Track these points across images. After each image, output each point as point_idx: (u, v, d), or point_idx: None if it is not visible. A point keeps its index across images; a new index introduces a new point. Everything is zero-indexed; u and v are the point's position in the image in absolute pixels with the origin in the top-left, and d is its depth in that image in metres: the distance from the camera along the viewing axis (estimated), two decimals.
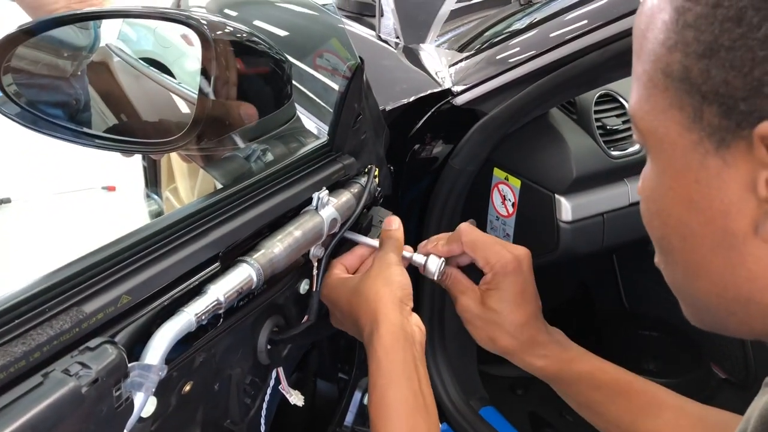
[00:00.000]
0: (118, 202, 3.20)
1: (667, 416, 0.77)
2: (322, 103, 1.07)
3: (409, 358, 0.74)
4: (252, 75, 0.84)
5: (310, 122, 1.05)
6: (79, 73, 0.86)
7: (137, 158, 1.92)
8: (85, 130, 0.80)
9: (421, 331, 0.79)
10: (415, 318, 0.80)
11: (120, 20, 0.93)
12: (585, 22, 1.02)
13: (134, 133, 0.87)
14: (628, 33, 0.95)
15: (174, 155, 1.42)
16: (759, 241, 0.42)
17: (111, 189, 3.30)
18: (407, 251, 0.90)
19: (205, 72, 0.75)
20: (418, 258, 0.89)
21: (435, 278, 0.88)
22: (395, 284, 0.79)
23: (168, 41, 0.99)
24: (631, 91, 0.49)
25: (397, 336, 0.75)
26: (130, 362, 0.57)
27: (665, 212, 0.49)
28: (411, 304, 0.80)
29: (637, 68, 0.47)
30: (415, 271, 0.89)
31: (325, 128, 0.95)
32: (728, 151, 0.42)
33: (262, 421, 0.89)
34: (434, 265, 0.87)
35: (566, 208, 1.19)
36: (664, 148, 0.46)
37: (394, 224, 0.88)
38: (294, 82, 0.91)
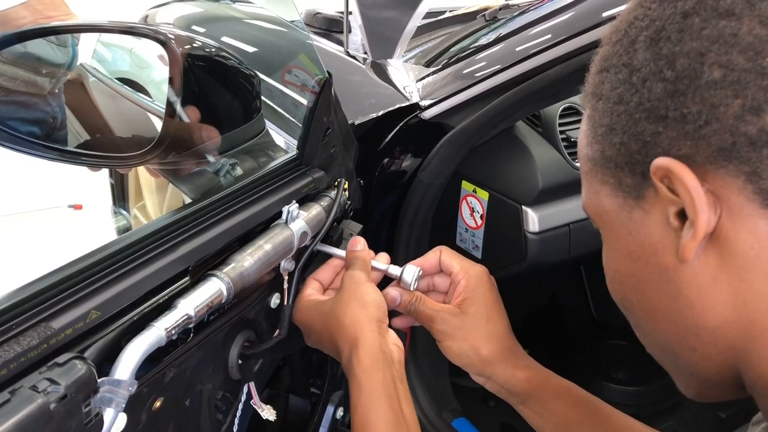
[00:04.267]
0: (85, 221, 3.15)
1: None
2: (291, 118, 1.08)
3: (389, 378, 0.74)
4: (221, 89, 0.84)
5: (279, 137, 1.05)
6: (57, 90, 0.86)
7: (104, 176, 1.90)
8: (52, 144, 0.80)
9: (399, 348, 0.79)
10: (393, 336, 0.80)
11: (94, 40, 0.93)
12: (549, 36, 1.04)
13: (104, 148, 0.87)
14: (590, 47, 0.97)
15: (142, 171, 1.41)
16: (686, 267, 0.49)
17: (78, 207, 3.25)
18: (382, 263, 0.90)
19: (172, 86, 0.75)
20: (394, 269, 0.89)
21: (411, 288, 0.88)
22: (370, 305, 0.79)
23: (145, 61, 0.99)
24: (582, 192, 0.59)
25: (376, 357, 0.75)
26: (99, 378, 0.57)
27: (618, 272, 0.57)
28: (387, 321, 0.80)
29: (582, 171, 0.58)
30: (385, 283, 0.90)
31: (295, 143, 0.96)
32: (644, 201, 0.50)
33: None
34: (410, 275, 0.87)
35: (533, 220, 1.20)
36: (605, 220, 0.56)
37: (359, 245, 0.88)
38: (263, 97, 0.91)
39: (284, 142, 1.04)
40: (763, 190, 0.44)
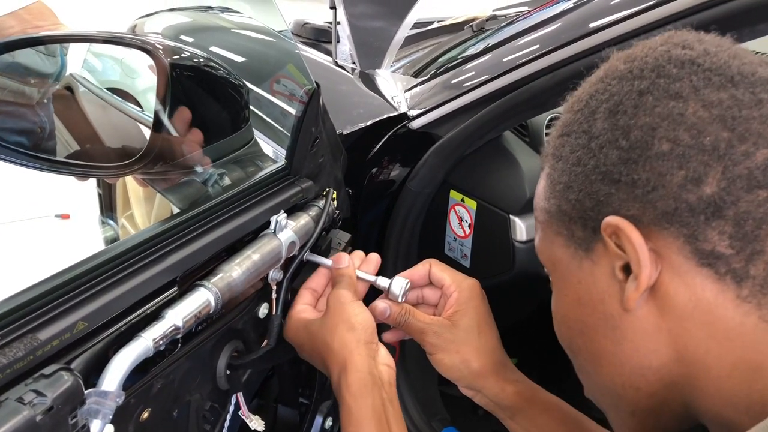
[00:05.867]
0: (72, 230, 3.13)
1: None
2: (280, 128, 1.08)
3: (378, 402, 0.74)
4: (209, 99, 0.84)
5: (267, 147, 1.05)
6: (45, 100, 0.86)
7: (92, 185, 1.89)
8: (39, 154, 0.79)
9: (389, 368, 0.79)
10: (383, 355, 0.80)
11: (85, 50, 0.93)
12: (536, 47, 1.05)
13: (92, 158, 0.87)
14: (576, 58, 0.98)
15: (130, 181, 1.40)
16: (630, 315, 0.54)
17: (65, 217, 3.23)
18: (370, 275, 0.90)
19: (159, 95, 0.75)
20: (382, 281, 0.89)
21: (399, 300, 0.87)
22: (358, 327, 0.79)
23: (135, 72, 0.99)
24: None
25: (364, 382, 0.75)
26: (86, 389, 0.56)
27: (566, 317, 0.62)
28: (376, 341, 0.80)
29: (538, 220, 0.63)
30: (373, 294, 0.90)
31: (283, 152, 0.96)
32: (594, 253, 0.56)
33: None
34: (398, 288, 0.87)
35: (521, 229, 1.21)
36: (556, 268, 0.61)
37: (343, 262, 0.88)
38: (251, 107, 0.91)
39: (273, 151, 1.04)
40: (699, 250, 0.50)
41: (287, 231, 0.85)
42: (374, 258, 0.92)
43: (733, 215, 0.49)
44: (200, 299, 0.71)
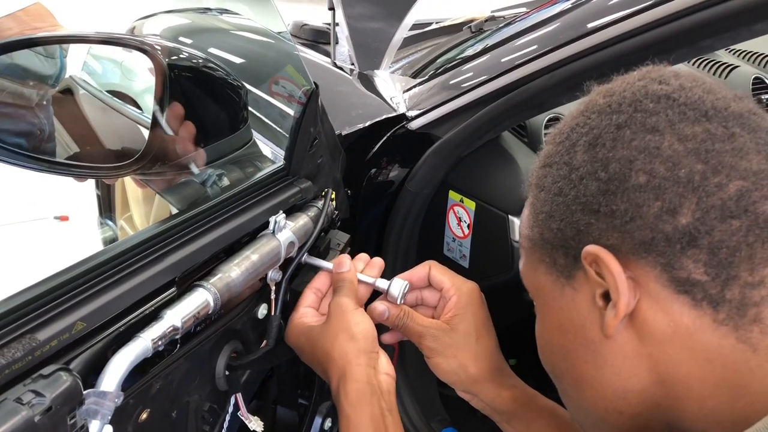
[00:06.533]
0: (71, 232, 3.13)
1: None
2: (279, 129, 1.08)
3: (377, 411, 0.74)
4: (207, 100, 0.84)
5: (266, 148, 1.05)
6: (44, 102, 0.86)
7: (90, 188, 1.89)
8: (39, 156, 0.79)
9: (389, 377, 0.79)
10: (383, 364, 0.80)
11: (84, 53, 0.93)
12: (534, 47, 1.05)
13: (91, 159, 0.87)
14: (574, 58, 0.99)
15: (129, 183, 1.40)
16: (610, 341, 0.55)
17: (64, 219, 3.23)
18: (369, 277, 0.90)
19: (157, 96, 0.75)
20: (381, 283, 0.89)
21: (398, 302, 0.87)
22: (359, 336, 0.79)
23: (135, 74, 0.99)
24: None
25: (363, 392, 0.75)
26: (85, 389, 0.56)
27: (549, 342, 0.64)
28: (377, 350, 0.80)
29: (522, 247, 0.65)
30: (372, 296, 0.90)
31: (282, 153, 0.96)
32: (575, 280, 0.57)
33: None
34: (397, 289, 0.87)
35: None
36: (539, 294, 0.63)
37: (345, 266, 0.87)
38: (250, 108, 0.91)
39: (271, 152, 1.04)
40: (675, 278, 0.51)
41: (286, 231, 0.85)
42: (378, 262, 0.92)
43: (707, 244, 0.50)
44: (199, 299, 0.71)
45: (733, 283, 0.50)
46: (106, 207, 1.78)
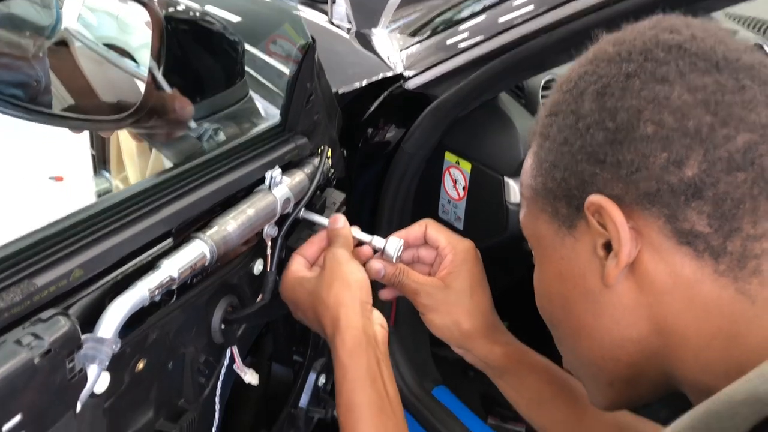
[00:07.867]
0: (66, 192, 3.12)
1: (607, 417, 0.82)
2: (276, 89, 1.07)
3: (372, 360, 0.75)
4: (204, 53, 0.84)
5: (263, 108, 1.05)
6: (41, 54, 0.85)
7: (86, 147, 1.88)
8: (35, 107, 0.79)
9: (383, 328, 0.80)
10: (377, 315, 0.80)
11: (79, 4, 0.92)
12: (532, 7, 1.05)
13: (87, 112, 0.86)
14: (572, 18, 0.98)
15: (124, 140, 1.40)
16: (609, 291, 0.56)
17: (59, 179, 3.22)
18: (366, 235, 0.90)
19: (154, 50, 0.75)
20: (377, 241, 0.89)
21: (393, 260, 0.88)
22: (354, 285, 0.79)
23: (131, 27, 0.98)
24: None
25: (359, 340, 0.76)
26: (83, 335, 0.57)
27: (547, 291, 0.64)
28: (371, 301, 0.81)
29: (523, 196, 0.65)
30: None
31: (278, 113, 0.96)
32: (576, 230, 0.57)
33: (217, 400, 0.89)
34: (393, 248, 0.88)
35: (515, 190, 1.21)
36: (540, 243, 0.63)
37: (339, 222, 0.88)
38: (247, 68, 0.91)
39: (268, 114, 1.04)
40: (678, 230, 0.51)
41: (282, 187, 0.86)
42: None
43: (712, 196, 0.50)
44: (196, 251, 0.72)
45: (736, 235, 0.50)
46: (102, 166, 1.77)
